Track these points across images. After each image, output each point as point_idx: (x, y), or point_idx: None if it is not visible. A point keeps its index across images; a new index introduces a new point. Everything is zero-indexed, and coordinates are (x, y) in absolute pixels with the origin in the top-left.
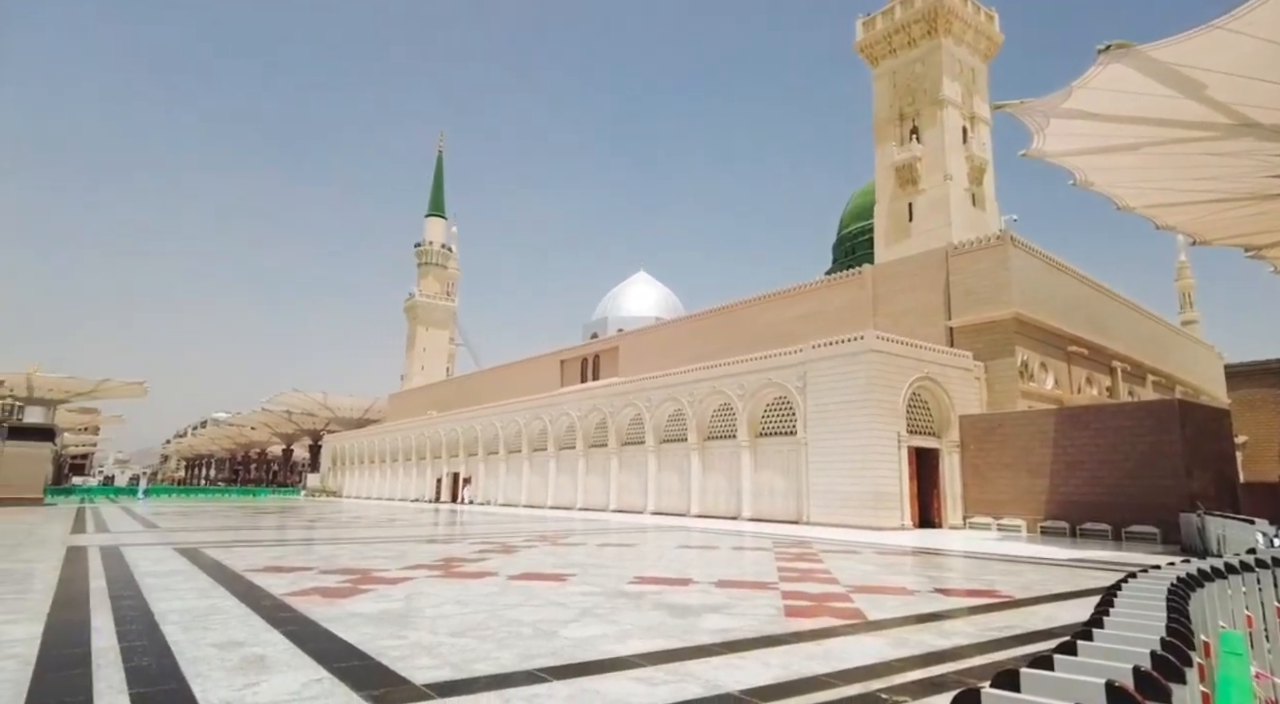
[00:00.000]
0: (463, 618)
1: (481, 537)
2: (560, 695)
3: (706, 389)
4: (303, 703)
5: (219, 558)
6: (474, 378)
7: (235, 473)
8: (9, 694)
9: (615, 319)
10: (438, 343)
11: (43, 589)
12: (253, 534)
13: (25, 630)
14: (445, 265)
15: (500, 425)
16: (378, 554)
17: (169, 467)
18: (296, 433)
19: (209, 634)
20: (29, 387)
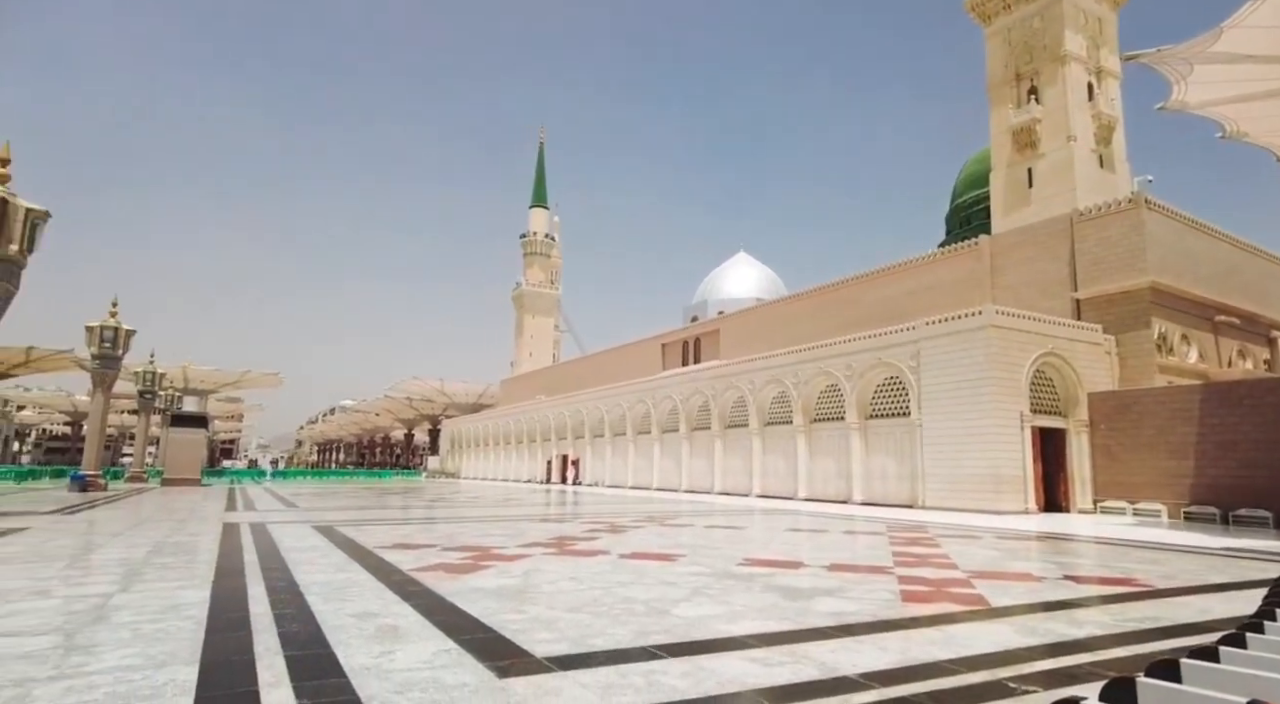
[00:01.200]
0: (578, 594)
1: (590, 517)
2: (676, 673)
3: (812, 370)
4: (434, 671)
5: (351, 535)
6: (578, 363)
7: (362, 456)
8: (189, 649)
9: (715, 301)
10: (544, 330)
11: (207, 560)
12: (380, 513)
13: (197, 595)
14: (549, 255)
15: (605, 409)
16: (495, 532)
17: (303, 451)
18: (417, 418)
19: (347, 605)
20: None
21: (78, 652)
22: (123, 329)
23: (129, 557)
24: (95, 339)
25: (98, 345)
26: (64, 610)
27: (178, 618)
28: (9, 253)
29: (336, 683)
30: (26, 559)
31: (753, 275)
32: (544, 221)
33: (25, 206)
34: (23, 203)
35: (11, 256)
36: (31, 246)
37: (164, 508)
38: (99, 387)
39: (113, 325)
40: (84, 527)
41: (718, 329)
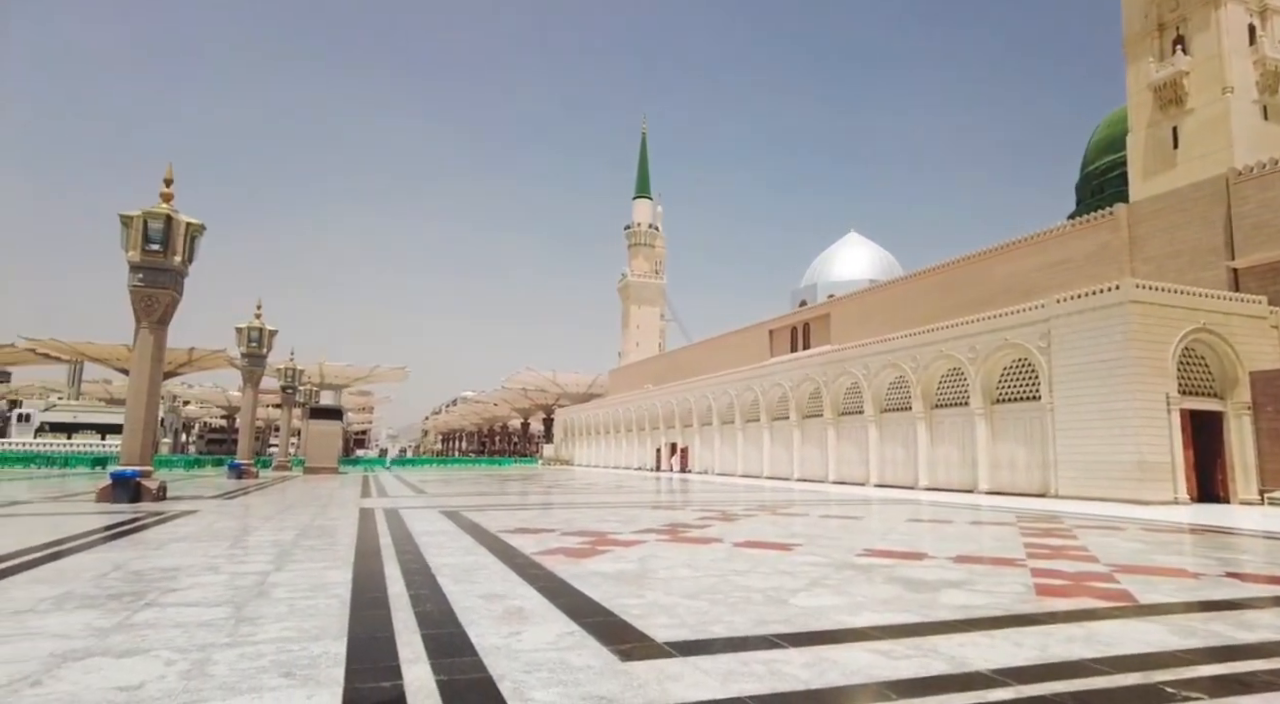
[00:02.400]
0: (694, 581)
1: (702, 504)
2: (797, 662)
3: (932, 353)
4: (559, 652)
5: (476, 520)
6: (685, 352)
7: (483, 445)
8: (337, 624)
9: (825, 284)
10: (649, 319)
11: (347, 543)
12: (500, 499)
13: (341, 576)
14: (653, 245)
15: (712, 397)
16: (610, 518)
17: (429, 440)
18: (531, 408)
19: (475, 586)
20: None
21: (246, 623)
22: (267, 330)
23: (280, 539)
24: (244, 339)
25: (246, 345)
26: (231, 585)
27: (325, 596)
28: (174, 263)
29: (470, 661)
30: (198, 538)
31: (864, 256)
32: (648, 212)
33: (186, 221)
34: (183, 218)
35: (176, 267)
36: (191, 257)
37: (307, 494)
38: (248, 383)
39: (258, 326)
40: (241, 510)
41: (828, 313)
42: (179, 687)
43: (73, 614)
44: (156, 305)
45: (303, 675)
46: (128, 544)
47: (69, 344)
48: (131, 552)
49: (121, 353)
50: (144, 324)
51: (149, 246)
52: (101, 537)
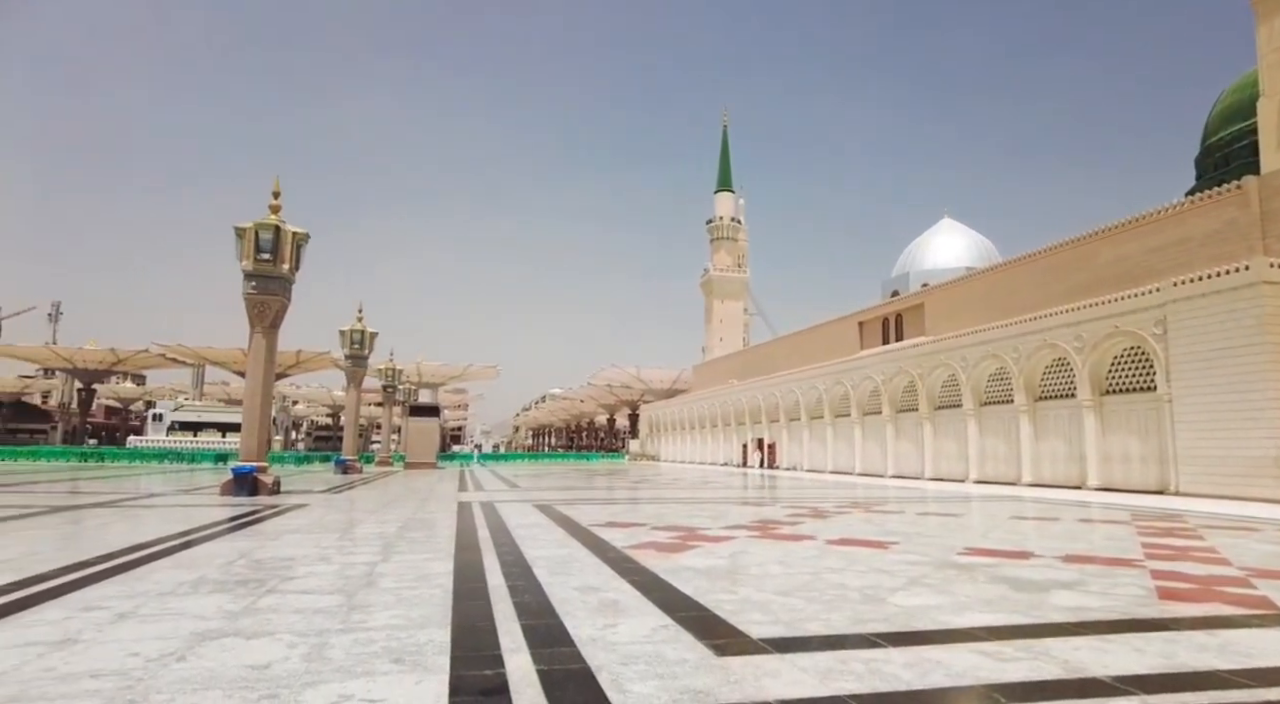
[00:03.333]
0: (787, 578)
1: (792, 501)
2: (899, 662)
3: (1035, 343)
4: (655, 645)
5: (567, 513)
6: (770, 346)
7: (571, 440)
8: (441, 613)
9: (918, 274)
10: (733, 314)
11: (446, 535)
12: (589, 493)
13: (443, 567)
14: (735, 238)
15: (800, 392)
16: (699, 514)
17: (519, 436)
18: (617, 404)
19: (570, 579)
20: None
21: (357, 610)
22: (368, 332)
23: (384, 531)
24: (347, 341)
25: (349, 346)
26: (342, 575)
27: (429, 586)
28: (282, 271)
29: (568, 651)
30: (310, 530)
31: (960, 243)
32: (730, 205)
33: (292, 231)
34: (290, 228)
35: (284, 274)
36: (298, 264)
37: (408, 488)
38: (352, 382)
39: (360, 329)
40: (348, 504)
41: (921, 303)
42: (301, 668)
43: (207, 598)
44: (268, 311)
45: (411, 661)
46: (249, 535)
47: (193, 349)
48: (252, 542)
49: (238, 356)
50: (257, 329)
51: (260, 256)
52: (226, 527)
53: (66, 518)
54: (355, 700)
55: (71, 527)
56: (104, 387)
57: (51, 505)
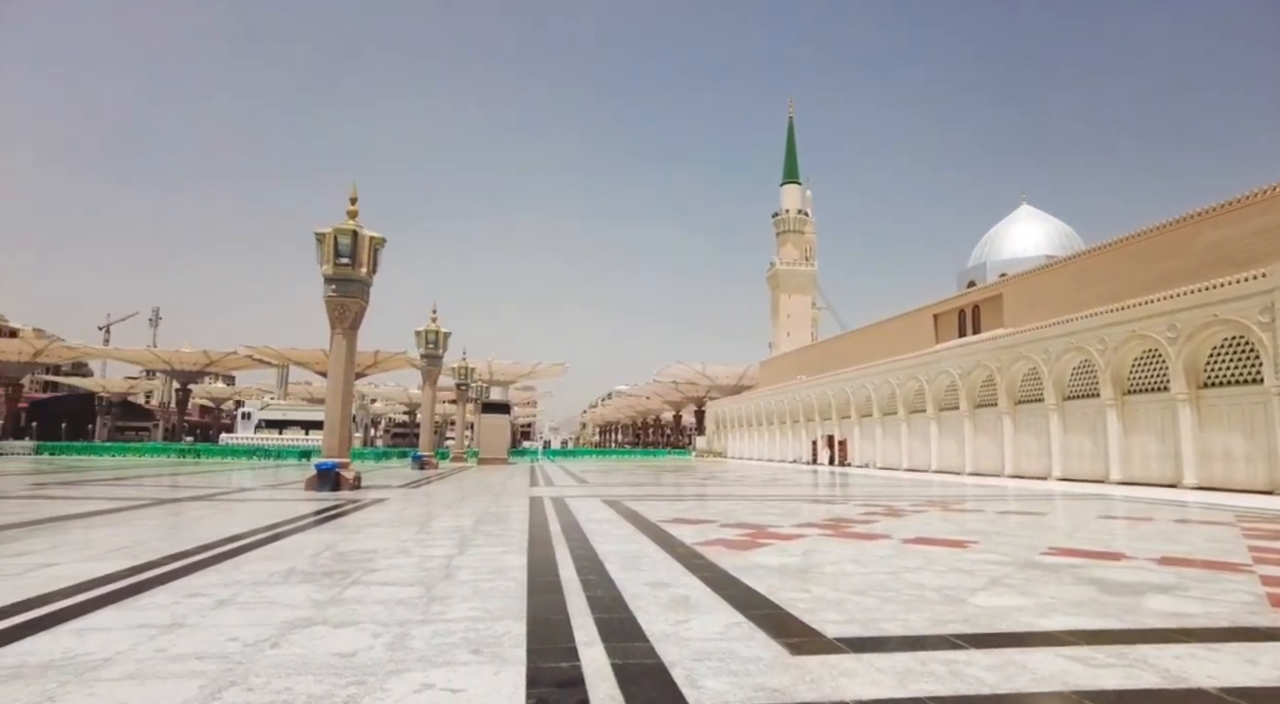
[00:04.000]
0: (862, 577)
1: (864, 499)
2: (981, 664)
3: (1123, 333)
4: (728, 642)
5: (635, 509)
6: (840, 340)
7: (637, 436)
8: (516, 606)
9: (995, 264)
10: (800, 308)
11: (520, 529)
12: (656, 490)
13: (517, 560)
14: (802, 231)
15: (872, 387)
16: (769, 511)
17: (587, 432)
18: (682, 400)
19: (641, 574)
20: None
21: (436, 602)
22: (442, 332)
23: (460, 525)
24: (423, 341)
25: (424, 346)
26: (421, 567)
27: (504, 579)
28: (360, 275)
29: (641, 646)
30: (389, 524)
31: (1039, 230)
32: (796, 197)
33: (369, 235)
34: (367, 232)
35: (362, 278)
36: (375, 267)
37: (482, 483)
38: (427, 381)
39: (434, 329)
40: (425, 498)
41: (999, 294)
42: (385, 657)
43: (296, 587)
44: (347, 313)
45: (489, 653)
46: (332, 528)
47: (278, 350)
48: (336, 534)
49: (319, 357)
50: (337, 330)
51: (339, 260)
52: (311, 521)
53: (169, 510)
54: (436, 689)
55: (174, 518)
56: (198, 387)
57: (156, 498)
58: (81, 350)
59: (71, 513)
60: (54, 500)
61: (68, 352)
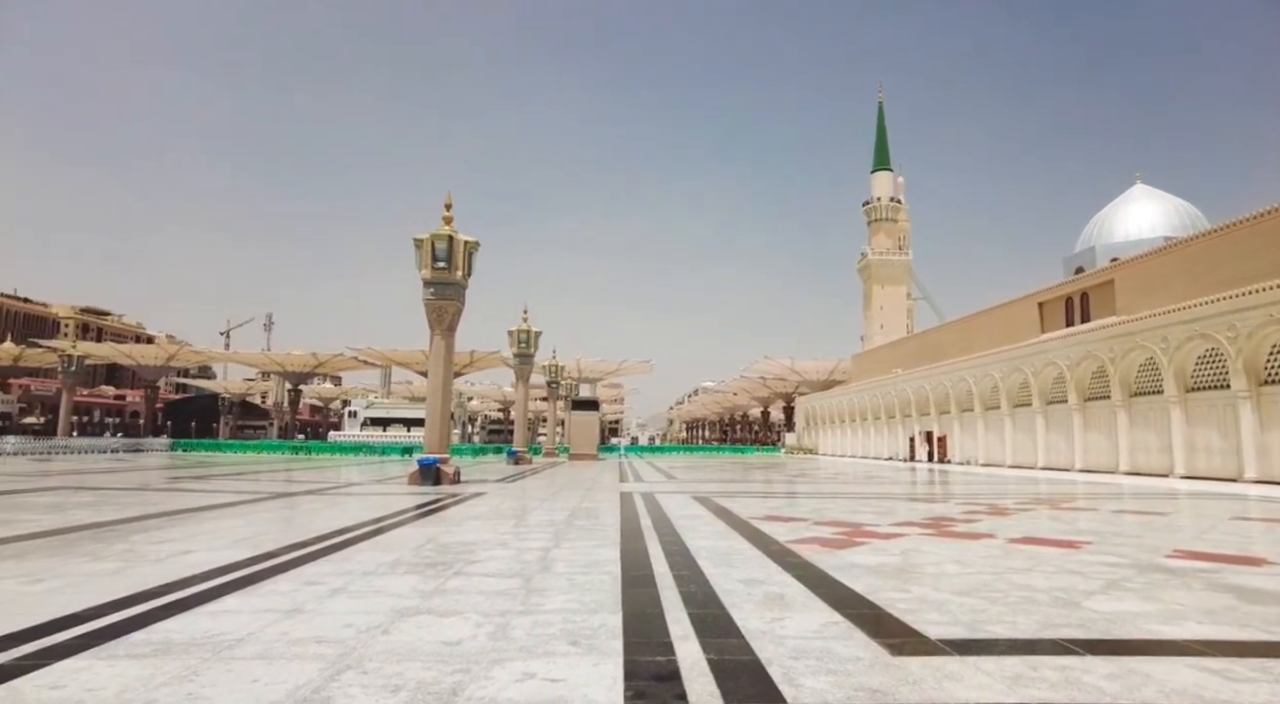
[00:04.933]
0: (965, 578)
1: (966, 497)
2: (1100, 672)
3: (1258, 319)
4: (825, 641)
5: (725, 505)
6: (937, 332)
7: (724, 433)
8: (611, 599)
9: (1105, 248)
10: (895, 299)
11: (612, 523)
12: (746, 487)
13: (610, 554)
14: (895, 219)
15: (972, 380)
16: (864, 509)
17: (673, 429)
18: (771, 396)
19: (734, 571)
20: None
21: (534, 594)
22: (533, 331)
23: (554, 519)
24: (514, 340)
25: (516, 346)
26: (519, 560)
27: (599, 572)
28: (456, 278)
29: (737, 643)
30: (488, 517)
31: (1156, 210)
32: (888, 185)
33: (464, 240)
34: (462, 237)
35: (458, 281)
36: (470, 270)
37: (573, 478)
38: (519, 379)
39: (525, 329)
40: (520, 493)
41: (1111, 279)
42: (488, 646)
43: (402, 578)
44: (445, 315)
45: (586, 645)
46: (434, 521)
47: (381, 352)
48: (438, 527)
49: (419, 358)
50: (436, 332)
51: (436, 264)
52: (413, 514)
53: (285, 503)
54: (537, 679)
55: (289, 511)
56: (308, 387)
57: (273, 492)
58: (207, 354)
59: (203, 505)
60: (188, 493)
61: (195, 356)
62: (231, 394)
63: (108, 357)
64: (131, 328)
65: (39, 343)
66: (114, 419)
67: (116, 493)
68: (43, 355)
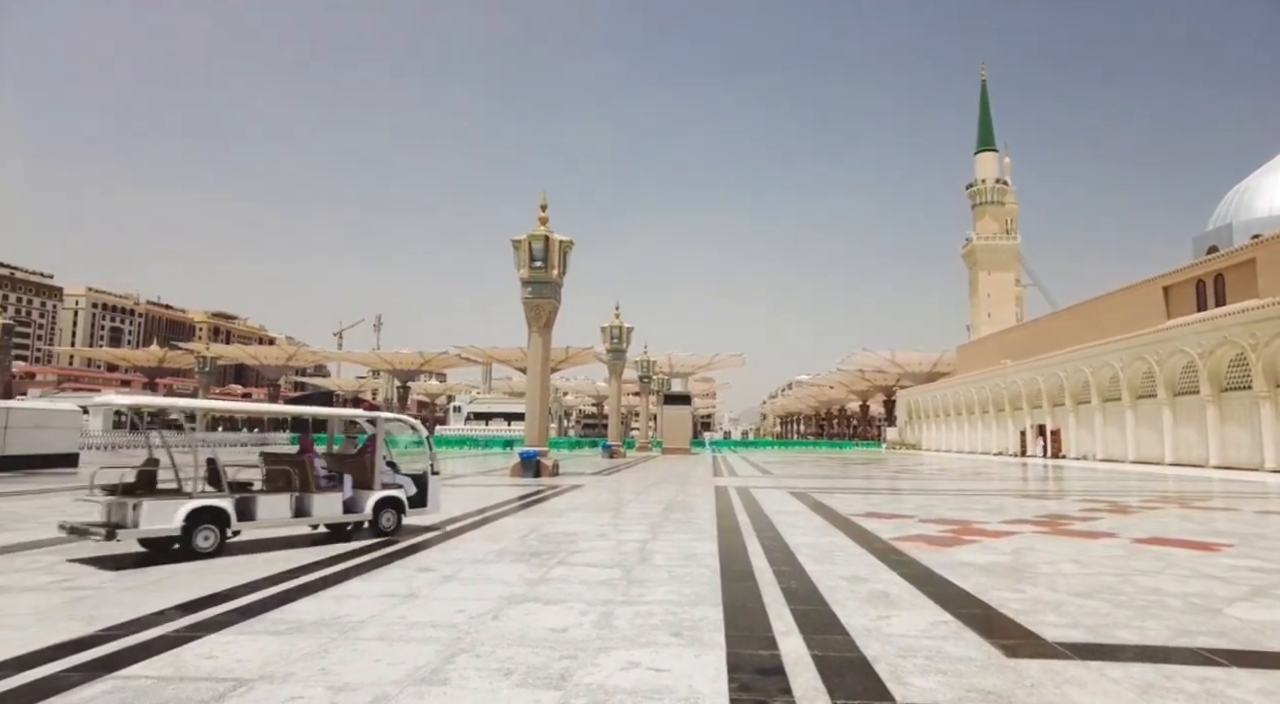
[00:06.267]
0: (1085, 579)
1: (1084, 494)
2: (1249, 686)
3: None
4: (934, 641)
5: (824, 502)
6: (1050, 319)
7: (820, 428)
8: (711, 592)
9: (1244, 224)
10: (1002, 286)
11: (707, 517)
12: (846, 483)
13: (707, 548)
14: (1002, 202)
15: (1090, 371)
16: (972, 506)
17: (767, 423)
18: (870, 389)
19: (835, 567)
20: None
21: (635, 585)
22: (625, 327)
23: (650, 512)
24: (607, 336)
25: (609, 342)
26: (618, 551)
27: (697, 565)
28: (552, 277)
29: (841, 640)
30: (587, 509)
31: None
32: (993, 166)
33: (559, 239)
34: (557, 237)
35: (554, 279)
36: (565, 269)
37: (667, 472)
38: (613, 374)
39: (618, 325)
40: (616, 486)
41: (1252, 258)
42: (593, 634)
43: (510, 566)
44: (542, 313)
45: (689, 636)
46: (536, 512)
47: (482, 350)
48: (540, 518)
49: (518, 355)
50: (534, 329)
51: (534, 264)
52: (516, 505)
53: None
54: (642, 668)
55: None
56: (416, 384)
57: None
58: (322, 354)
59: None
60: None
61: (311, 356)
62: (345, 391)
63: (236, 357)
64: (255, 330)
65: (179, 345)
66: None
67: None
68: (181, 357)
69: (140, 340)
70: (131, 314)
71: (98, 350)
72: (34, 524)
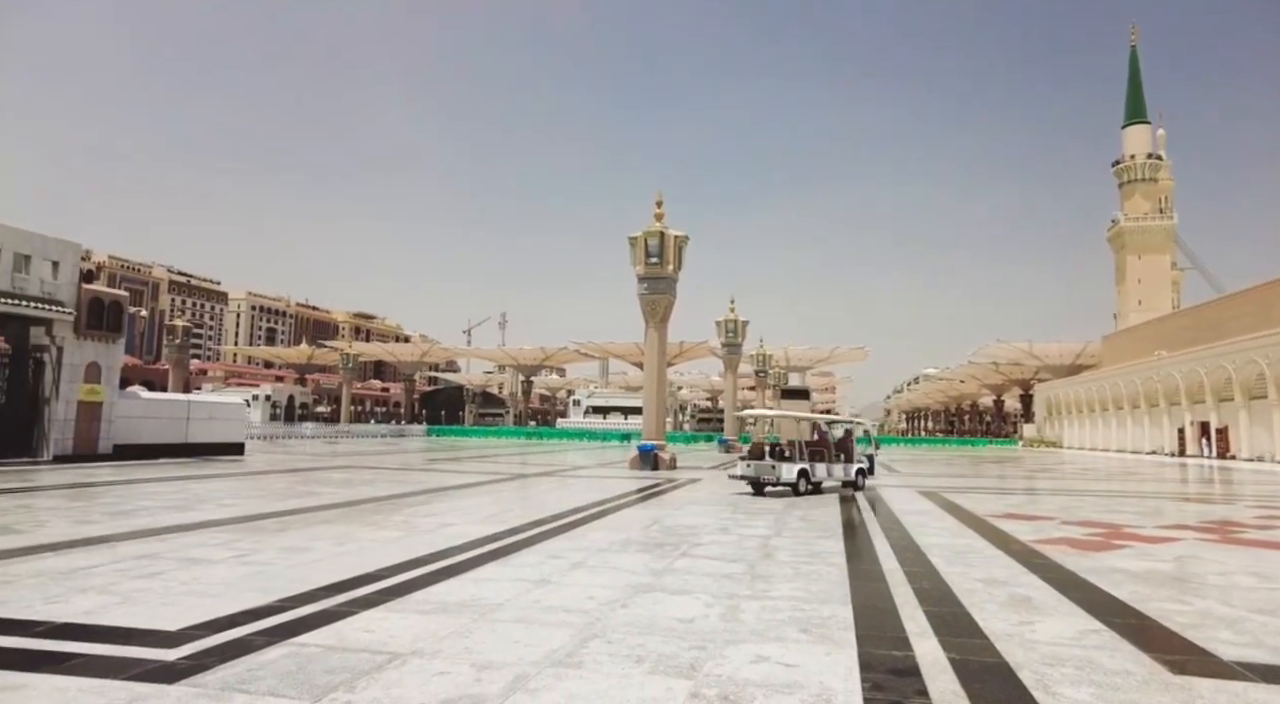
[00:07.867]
0: (1266, 593)
1: (1259, 498)
2: None
3: None
4: (1085, 650)
5: (956, 501)
6: (1215, 306)
7: (950, 424)
8: (840, 591)
9: None
10: (1155, 270)
11: (832, 513)
12: (979, 482)
13: (832, 545)
14: (1155, 179)
15: (1265, 361)
16: (1122, 509)
17: (891, 419)
18: (1004, 383)
19: (971, 570)
20: (786, 358)
21: (760, 580)
22: (740, 321)
23: (771, 507)
24: (722, 331)
25: (724, 336)
26: (740, 545)
27: (822, 563)
28: (668, 272)
29: (979, 644)
30: (706, 503)
31: None
32: (1144, 140)
33: (674, 235)
34: (672, 233)
35: (670, 275)
36: (680, 264)
37: None
38: (728, 368)
39: (733, 319)
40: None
41: None
42: (720, 626)
43: (634, 556)
44: (658, 308)
45: (817, 633)
46: (656, 504)
47: (600, 345)
48: (661, 510)
49: (634, 350)
50: (650, 324)
51: (649, 260)
52: (636, 497)
53: (523, 484)
54: (771, 663)
55: (528, 490)
56: (538, 379)
57: (512, 473)
58: (453, 351)
59: (457, 484)
60: (444, 473)
61: (443, 352)
62: (474, 386)
63: (375, 354)
64: (392, 328)
65: (324, 344)
66: (381, 409)
67: (389, 471)
68: (326, 354)
69: (291, 339)
70: (283, 315)
71: (256, 348)
72: (212, 506)
